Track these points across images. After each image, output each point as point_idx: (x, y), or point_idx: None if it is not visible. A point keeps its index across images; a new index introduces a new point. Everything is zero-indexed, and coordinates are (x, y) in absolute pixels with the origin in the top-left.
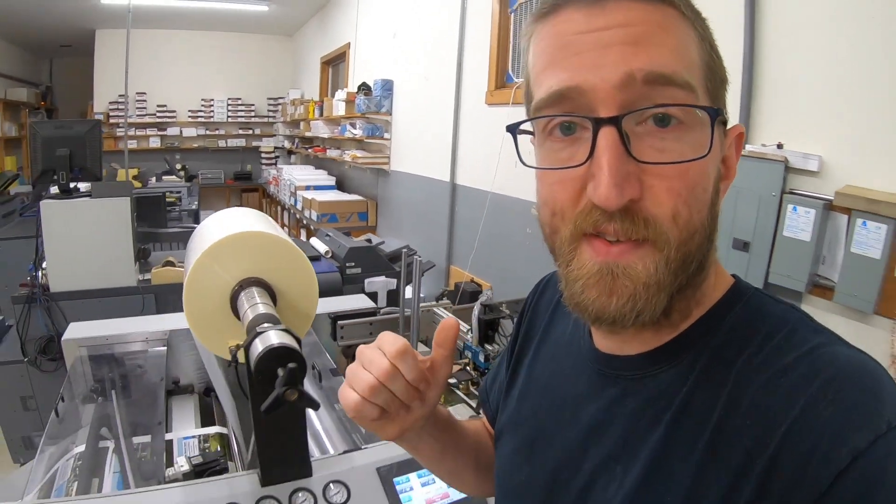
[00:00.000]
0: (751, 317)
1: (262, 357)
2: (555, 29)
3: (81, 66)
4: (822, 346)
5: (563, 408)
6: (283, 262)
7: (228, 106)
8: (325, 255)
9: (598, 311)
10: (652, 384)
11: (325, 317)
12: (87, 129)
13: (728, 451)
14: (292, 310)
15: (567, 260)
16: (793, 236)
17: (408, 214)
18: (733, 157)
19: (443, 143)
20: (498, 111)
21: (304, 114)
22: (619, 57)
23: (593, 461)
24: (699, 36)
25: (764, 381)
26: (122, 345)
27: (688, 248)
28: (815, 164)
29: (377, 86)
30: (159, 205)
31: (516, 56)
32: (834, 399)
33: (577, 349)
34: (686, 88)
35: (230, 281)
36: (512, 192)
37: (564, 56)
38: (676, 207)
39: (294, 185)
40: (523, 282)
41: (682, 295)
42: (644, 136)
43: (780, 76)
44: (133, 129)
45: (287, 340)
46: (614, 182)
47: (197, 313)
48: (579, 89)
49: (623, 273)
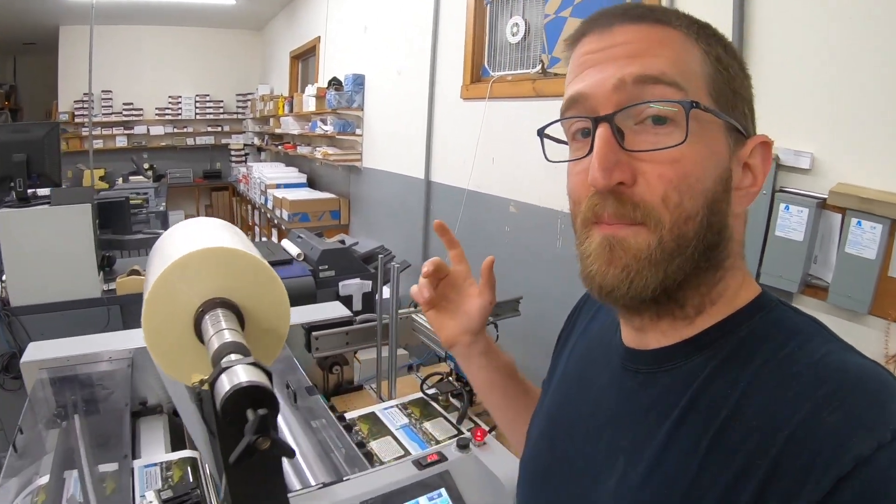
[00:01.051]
0: (768, 326)
1: (230, 398)
2: (578, 51)
3: (46, 64)
4: (831, 353)
5: (587, 398)
6: (252, 281)
7: (196, 103)
8: (297, 258)
9: (600, 280)
10: (665, 380)
11: (300, 328)
12: (45, 132)
13: (730, 452)
14: (262, 332)
15: (581, 241)
16: (785, 236)
17: (382, 213)
18: (759, 167)
19: (417, 140)
20: (474, 106)
21: (273, 110)
22: (617, 67)
23: (604, 452)
24: (702, 52)
25: (772, 386)
26: (85, 365)
27: (681, 231)
28: (807, 162)
29: (348, 81)
30: (123, 210)
31: (492, 49)
32: (839, 406)
33: (608, 343)
34: (674, 87)
35: (194, 301)
36: (489, 189)
37: (580, 71)
38: (666, 192)
39: (264, 184)
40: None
41: (695, 290)
42: (640, 132)
43: (770, 70)
44: (99, 129)
45: (257, 378)
46: (601, 166)
47: (157, 336)
48: (584, 94)
49: (619, 245)
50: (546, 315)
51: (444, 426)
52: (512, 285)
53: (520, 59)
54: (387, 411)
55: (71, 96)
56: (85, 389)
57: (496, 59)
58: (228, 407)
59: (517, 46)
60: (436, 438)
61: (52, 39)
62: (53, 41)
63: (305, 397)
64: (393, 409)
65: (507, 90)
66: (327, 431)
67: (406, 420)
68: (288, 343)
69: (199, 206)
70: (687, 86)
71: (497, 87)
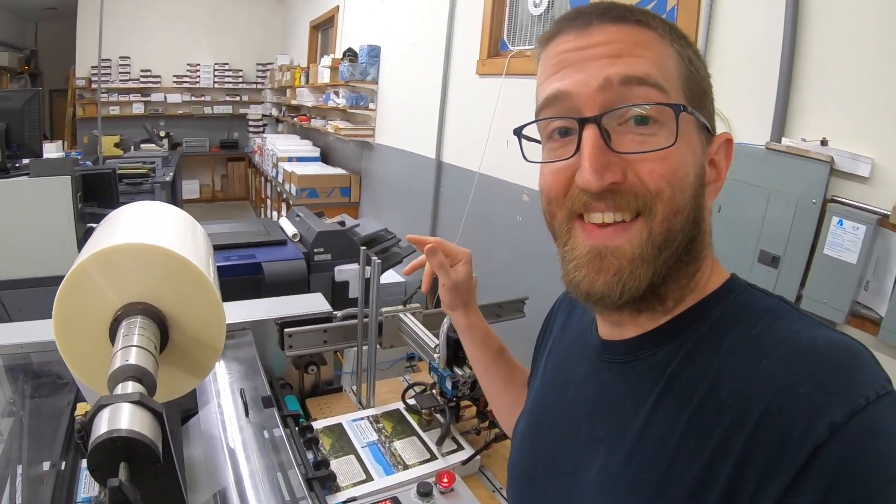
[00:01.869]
0: (738, 308)
1: (98, 447)
2: (553, 50)
3: (66, 29)
4: (801, 330)
5: (566, 395)
6: (184, 289)
7: (215, 71)
8: (292, 238)
9: (588, 287)
10: (640, 368)
11: (272, 322)
12: (24, 100)
13: (706, 432)
14: (193, 344)
15: (563, 241)
16: (835, 255)
17: (391, 192)
18: (723, 162)
19: (429, 117)
20: (490, 82)
21: (290, 80)
22: (600, 67)
23: (583, 444)
24: (676, 52)
25: (744, 365)
26: (40, 353)
27: (671, 225)
28: (866, 169)
29: (363, 52)
30: (109, 182)
31: (512, 22)
32: (810, 377)
33: (584, 339)
34: (658, 88)
35: (114, 302)
36: (501, 174)
37: (558, 69)
38: (659, 185)
39: (276, 156)
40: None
41: (676, 283)
42: (625, 132)
43: (828, 58)
44: (116, 95)
45: (140, 426)
46: (593, 168)
47: (68, 333)
48: (567, 93)
49: (612, 254)
50: None
51: (417, 447)
52: (518, 283)
53: (542, 33)
54: (355, 424)
55: (88, 62)
56: (37, 379)
57: (516, 33)
58: (95, 457)
59: (539, 19)
60: (404, 462)
61: (71, 4)
62: (73, 6)
63: (260, 409)
64: (363, 422)
65: (527, 66)
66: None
67: (375, 436)
68: (261, 338)
69: (214, 176)
70: (667, 87)
71: (515, 63)
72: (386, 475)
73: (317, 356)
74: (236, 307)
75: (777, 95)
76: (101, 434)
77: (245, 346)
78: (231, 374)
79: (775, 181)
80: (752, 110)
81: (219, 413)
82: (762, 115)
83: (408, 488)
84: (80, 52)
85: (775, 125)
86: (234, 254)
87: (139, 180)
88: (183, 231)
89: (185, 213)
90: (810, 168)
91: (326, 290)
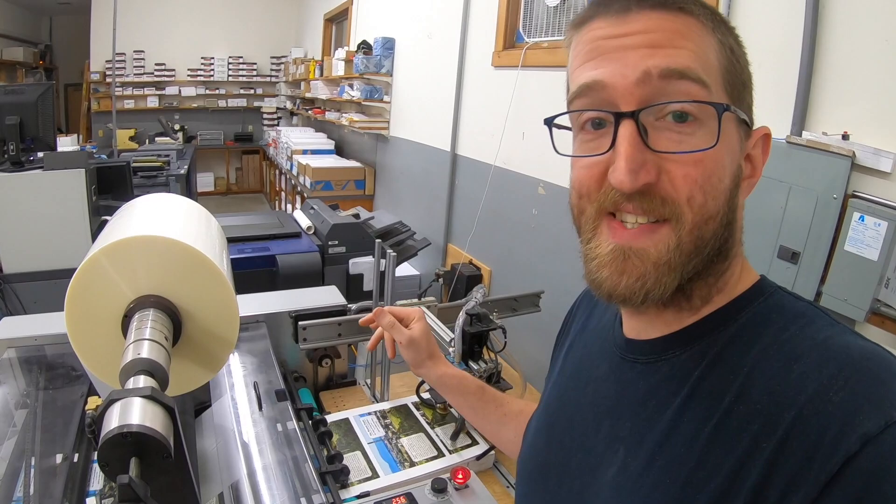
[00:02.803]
0: (769, 310)
1: (109, 442)
2: (587, 35)
3: (80, 23)
4: (835, 336)
5: (586, 391)
6: (197, 281)
7: (229, 64)
8: (306, 230)
9: (610, 287)
10: (665, 368)
11: (286, 315)
12: (39, 93)
13: (735, 436)
14: (207, 337)
15: (588, 238)
16: (856, 252)
17: (406, 185)
18: (759, 157)
19: (444, 109)
20: (506, 74)
21: (305, 73)
22: (639, 58)
23: (603, 443)
24: (718, 42)
25: (776, 368)
26: (54, 346)
27: (701, 233)
28: (888, 164)
29: (377, 44)
30: (124, 174)
31: (528, 12)
32: (845, 385)
33: (607, 336)
34: (699, 83)
35: (127, 294)
36: (517, 167)
37: (592, 57)
38: (692, 192)
39: (291, 149)
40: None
41: (704, 281)
42: (663, 129)
43: (850, 51)
44: (131, 89)
45: (151, 421)
46: (629, 168)
47: (80, 326)
48: (602, 83)
49: (635, 255)
50: None
51: (425, 444)
52: (535, 277)
53: (558, 24)
54: (362, 419)
55: (103, 56)
56: (51, 371)
57: (532, 24)
58: (106, 452)
59: (556, 10)
60: (411, 459)
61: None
62: (87, 1)
63: (274, 403)
64: (370, 417)
65: (542, 58)
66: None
67: (382, 432)
68: (275, 331)
69: (229, 169)
70: (709, 81)
71: (531, 55)
72: (392, 472)
73: (331, 349)
74: (250, 299)
75: (798, 88)
76: (112, 429)
77: (259, 339)
78: (245, 367)
79: (796, 176)
80: (773, 103)
81: (232, 406)
82: (783, 108)
83: (422, 484)
84: (95, 47)
85: (796, 118)
86: (249, 246)
87: (154, 173)
88: (196, 223)
89: (198, 205)
90: (831, 162)
91: (341, 283)
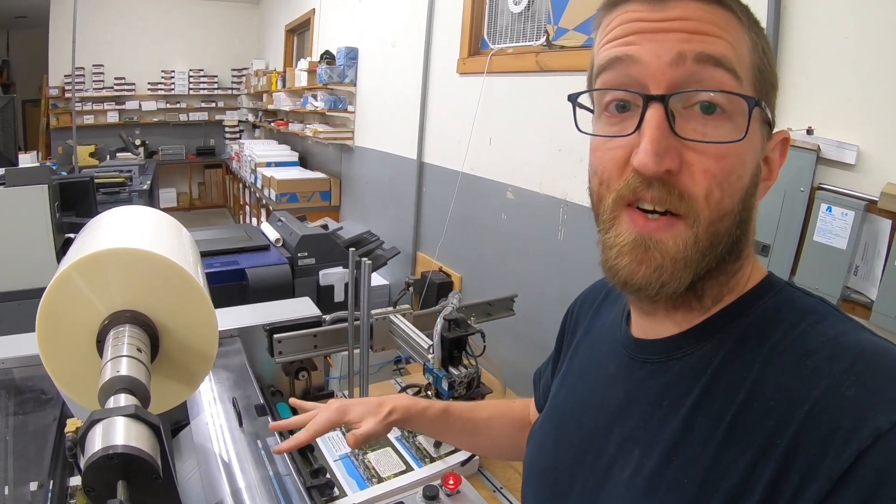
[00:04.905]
0: (779, 306)
1: (94, 465)
2: (620, 16)
3: (38, 38)
4: (847, 332)
5: (595, 392)
6: (173, 294)
7: (190, 78)
8: (275, 242)
9: (627, 276)
10: (676, 367)
11: (261, 328)
12: None
13: (750, 433)
14: (185, 352)
15: (607, 227)
16: (825, 242)
17: (373, 195)
18: (777, 160)
19: (410, 117)
20: (471, 81)
21: (266, 85)
22: (674, 41)
23: (616, 443)
24: (752, 41)
25: (788, 364)
26: (22, 368)
27: (716, 229)
28: (852, 156)
29: (340, 54)
30: (87, 190)
31: (492, 19)
32: (857, 381)
33: (614, 336)
34: (732, 74)
35: (100, 311)
36: (485, 172)
37: (624, 35)
38: (710, 188)
39: (254, 162)
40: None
41: (716, 280)
42: (689, 118)
43: (812, 47)
44: (90, 104)
45: (136, 441)
46: (654, 150)
47: (53, 346)
48: (634, 58)
49: (655, 246)
50: (544, 314)
51: (392, 459)
52: (507, 281)
53: (522, 31)
54: (327, 436)
55: (62, 70)
56: (20, 395)
57: (496, 30)
58: (91, 476)
59: (520, 16)
60: (378, 475)
61: (43, 12)
62: (45, 14)
63: (254, 418)
64: (335, 434)
65: (508, 64)
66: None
67: (348, 449)
68: (250, 345)
69: (191, 184)
70: (742, 75)
71: (496, 61)
72: (360, 489)
73: (307, 362)
74: (223, 314)
75: None
76: (97, 451)
77: (234, 354)
78: (221, 383)
79: None
80: None
81: (211, 424)
82: None
83: (414, 491)
84: (53, 61)
85: None
86: (217, 260)
87: (116, 189)
88: (169, 235)
89: (169, 216)
90: (797, 157)
91: (312, 295)
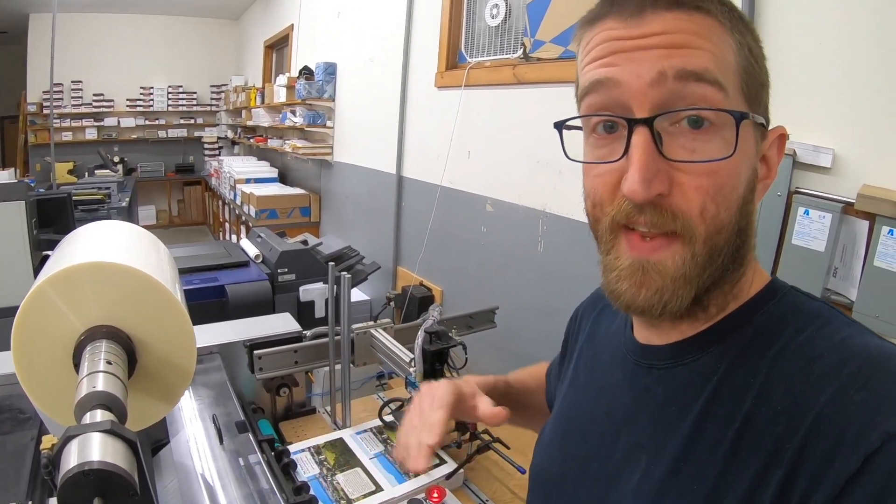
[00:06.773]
0: (784, 311)
1: (69, 482)
2: (599, 35)
3: (17, 53)
4: (853, 336)
5: (600, 400)
6: (150, 309)
7: (169, 94)
8: (254, 259)
9: (629, 301)
10: (683, 374)
11: (241, 344)
12: None
13: (758, 439)
14: (163, 367)
15: (607, 248)
16: (804, 245)
17: (352, 210)
18: (774, 158)
19: (388, 132)
20: (449, 94)
21: (245, 101)
22: (654, 59)
23: (623, 450)
24: (737, 42)
25: (795, 370)
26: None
27: (714, 243)
28: (828, 160)
29: (319, 69)
30: (65, 207)
31: (469, 33)
32: (864, 385)
33: (618, 343)
34: (716, 86)
35: (76, 326)
36: (464, 186)
37: (604, 55)
38: (704, 204)
39: (233, 179)
40: (477, 284)
41: (720, 289)
42: (677, 135)
43: (785, 50)
44: (69, 121)
45: (112, 457)
46: (642, 177)
47: (28, 362)
48: (615, 80)
49: (653, 268)
50: (526, 326)
51: (361, 480)
52: (487, 293)
53: (499, 44)
54: (295, 457)
55: (40, 87)
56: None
57: (474, 44)
58: (67, 493)
59: (497, 30)
60: (347, 497)
61: (21, 28)
62: (23, 31)
63: (234, 435)
64: (304, 455)
65: (486, 77)
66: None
67: (317, 470)
68: (230, 362)
69: (171, 201)
70: (726, 83)
71: (474, 74)
72: None
73: (288, 378)
74: (202, 330)
75: None
76: (72, 468)
77: (214, 371)
78: (201, 401)
79: None
80: None
81: (192, 441)
82: None
83: None
84: (31, 78)
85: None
86: (196, 277)
87: (95, 206)
88: (146, 249)
89: (146, 231)
90: None
91: (292, 311)
